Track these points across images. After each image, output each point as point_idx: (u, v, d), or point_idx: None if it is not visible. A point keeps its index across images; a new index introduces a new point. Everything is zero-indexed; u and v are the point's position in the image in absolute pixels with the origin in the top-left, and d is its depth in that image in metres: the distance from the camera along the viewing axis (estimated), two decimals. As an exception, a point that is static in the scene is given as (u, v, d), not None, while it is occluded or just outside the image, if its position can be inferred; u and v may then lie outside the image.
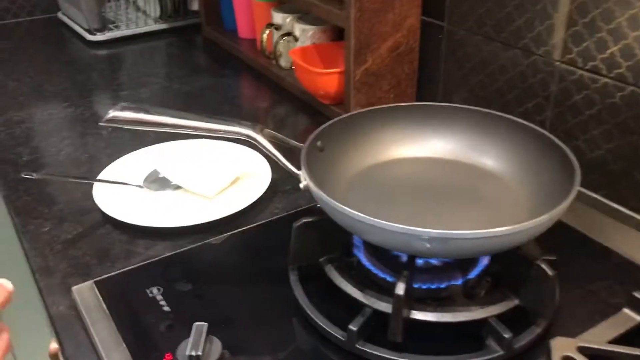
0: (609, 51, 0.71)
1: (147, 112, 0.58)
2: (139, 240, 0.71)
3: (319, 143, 0.63)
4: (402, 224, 0.49)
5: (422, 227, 0.48)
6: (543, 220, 0.50)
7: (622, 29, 0.69)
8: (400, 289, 0.51)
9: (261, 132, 0.60)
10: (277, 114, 1.05)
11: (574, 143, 0.78)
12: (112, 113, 0.58)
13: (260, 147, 0.60)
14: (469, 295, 0.58)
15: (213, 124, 0.59)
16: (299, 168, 0.60)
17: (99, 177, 0.79)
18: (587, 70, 0.74)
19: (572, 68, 0.76)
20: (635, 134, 0.71)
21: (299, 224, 0.59)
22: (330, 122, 0.65)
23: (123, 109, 0.59)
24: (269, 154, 0.60)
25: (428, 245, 0.49)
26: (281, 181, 0.82)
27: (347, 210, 0.51)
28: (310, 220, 0.59)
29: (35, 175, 0.69)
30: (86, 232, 0.73)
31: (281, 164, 0.59)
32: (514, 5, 0.81)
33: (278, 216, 0.75)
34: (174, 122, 0.59)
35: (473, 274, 0.59)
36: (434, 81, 0.98)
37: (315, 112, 1.03)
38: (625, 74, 0.70)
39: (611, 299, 0.61)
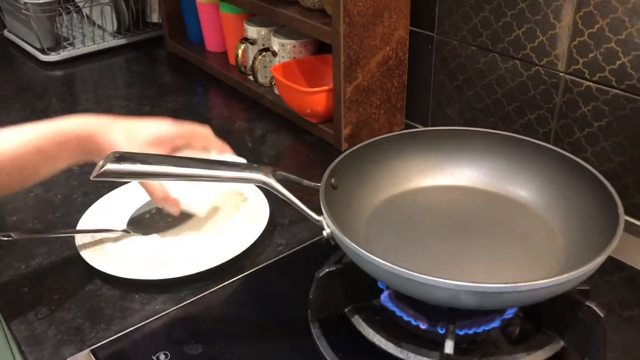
0: (619, 62, 0.69)
1: (144, 162, 0.52)
2: (133, 294, 0.64)
3: (333, 181, 0.58)
4: (447, 278, 0.44)
5: (467, 278, 0.44)
6: (600, 260, 0.46)
7: (632, 40, 0.67)
8: (449, 347, 0.47)
9: (273, 175, 0.54)
10: (259, 134, 0.99)
11: (582, 155, 0.75)
12: (106, 166, 0.51)
13: (275, 192, 0.54)
14: (507, 337, 0.55)
15: (220, 171, 0.53)
16: (314, 210, 0.55)
17: (79, 226, 0.72)
18: (595, 82, 0.72)
19: (578, 79, 0.73)
20: (649, 146, 0.69)
21: (322, 274, 0.54)
22: (342, 156, 0.60)
23: (117, 160, 0.52)
24: (285, 199, 0.54)
25: (479, 300, 0.45)
26: (279, 212, 0.76)
27: (388, 266, 0.46)
28: (334, 269, 0.54)
29: (14, 236, 0.61)
30: (73, 289, 0.65)
31: (300, 210, 0.54)
32: (512, 15, 0.77)
33: (283, 255, 0.70)
34: (178, 171, 0.52)
35: (510, 313, 0.55)
36: (424, 94, 0.94)
37: (300, 131, 0.98)
38: (637, 85, 0.68)
39: (650, 327, 0.58)
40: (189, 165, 0.53)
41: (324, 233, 0.53)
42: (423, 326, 0.54)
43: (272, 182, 0.53)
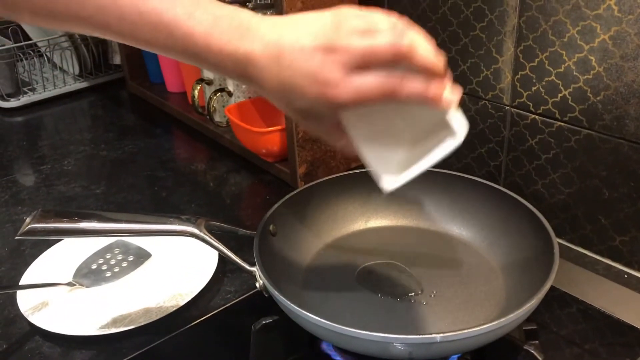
0: (560, 95, 0.69)
1: (71, 218, 0.51)
2: (75, 351, 0.63)
3: (271, 228, 0.57)
4: (377, 330, 0.43)
5: (400, 328, 0.43)
6: (532, 306, 0.45)
7: (571, 73, 0.67)
8: (381, 401, 0.45)
9: (204, 227, 0.53)
10: (217, 175, 0.98)
11: (533, 188, 0.75)
12: (30, 225, 0.50)
13: (207, 244, 0.53)
14: (452, 383, 0.53)
15: (149, 225, 0.52)
16: (251, 260, 0.54)
17: (22, 281, 0.70)
18: (540, 115, 0.72)
19: (523, 112, 0.73)
20: (595, 177, 0.68)
21: (258, 327, 0.53)
22: (280, 202, 0.59)
23: (42, 216, 0.51)
24: (218, 251, 0.53)
25: (409, 351, 0.44)
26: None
27: (313, 318, 0.45)
28: (270, 321, 0.53)
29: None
30: (13, 348, 0.63)
31: (232, 262, 0.53)
32: (456, 51, 0.78)
33: (231, 303, 0.68)
34: (104, 227, 0.51)
35: (454, 358, 0.53)
36: (380, 128, 0.94)
37: (258, 170, 0.97)
38: (579, 118, 0.68)
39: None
40: (117, 220, 0.52)
41: (257, 285, 0.52)
42: (365, 375, 0.52)
43: (202, 234, 0.52)
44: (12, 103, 1.24)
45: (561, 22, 0.65)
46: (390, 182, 0.47)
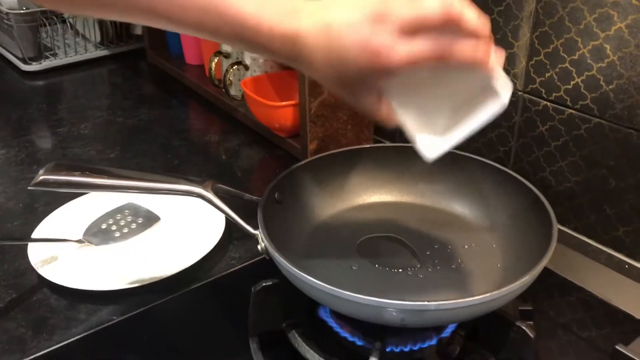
0: (573, 82, 0.69)
1: (82, 172, 0.52)
2: (79, 305, 0.64)
3: (276, 195, 0.58)
4: (372, 295, 0.44)
5: (394, 296, 0.44)
6: (525, 282, 0.46)
7: (585, 61, 0.67)
8: (372, 364, 0.46)
9: (211, 189, 0.54)
10: (229, 147, 0.99)
11: (541, 175, 0.75)
12: (42, 175, 0.52)
13: (212, 205, 0.54)
14: (444, 355, 0.54)
15: (157, 184, 0.53)
16: (255, 225, 0.55)
17: (33, 235, 0.72)
18: (552, 101, 0.72)
19: (535, 98, 0.73)
20: (603, 166, 0.68)
21: (258, 288, 0.54)
22: (287, 171, 0.60)
23: (55, 169, 0.52)
24: (222, 212, 0.54)
25: (402, 317, 0.45)
26: (236, 226, 0.76)
27: (311, 280, 0.46)
28: (270, 283, 0.54)
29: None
30: (21, 297, 0.66)
31: (236, 224, 0.54)
32: (473, 34, 0.78)
33: (234, 268, 0.69)
34: (114, 183, 0.53)
35: (447, 331, 0.54)
36: (393, 109, 0.94)
37: (270, 145, 0.98)
38: (590, 106, 0.68)
39: (592, 351, 0.58)
40: (127, 176, 0.53)
41: (259, 247, 0.53)
42: (360, 343, 0.53)
43: (210, 195, 0.54)
44: (34, 67, 1.26)
45: (578, 9, 0.65)
46: (432, 149, 0.48)
